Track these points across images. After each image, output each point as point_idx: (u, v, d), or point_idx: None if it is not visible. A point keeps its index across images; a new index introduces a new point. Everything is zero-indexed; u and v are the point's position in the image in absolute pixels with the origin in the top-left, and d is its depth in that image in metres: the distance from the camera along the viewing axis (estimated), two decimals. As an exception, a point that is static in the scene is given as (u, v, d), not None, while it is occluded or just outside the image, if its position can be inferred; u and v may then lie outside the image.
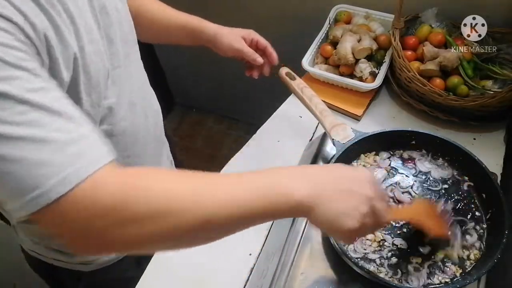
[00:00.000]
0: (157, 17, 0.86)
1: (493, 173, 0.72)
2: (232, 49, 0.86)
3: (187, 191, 0.44)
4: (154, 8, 0.86)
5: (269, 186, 0.46)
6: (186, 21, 0.87)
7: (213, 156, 2.14)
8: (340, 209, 0.47)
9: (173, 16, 0.88)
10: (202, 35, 0.86)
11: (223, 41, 0.85)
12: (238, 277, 0.79)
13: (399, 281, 0.64)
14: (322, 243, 0.70)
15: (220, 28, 0.87)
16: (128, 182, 0.42)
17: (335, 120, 0.79)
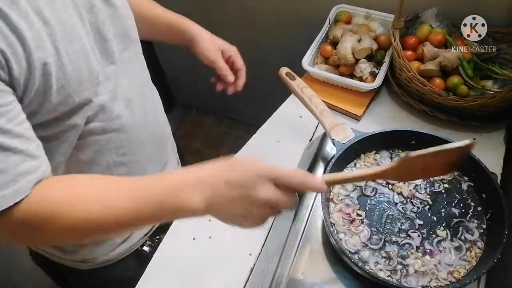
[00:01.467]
0: (144, 13, 0.85)
1: (493, 173, 0.72)
2: (207, 58, 0.86)
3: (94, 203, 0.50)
4: (143, 6, 0.85)
5: (165, 200, 0.50)
6: (172, 19, 0.88)
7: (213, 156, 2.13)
8: (235, 215, 0.51)
9: (160, 14, 0.88)
10: (185, 34, 0.86)
11: (200, 46, 0.85)
12: (238, 277, 0.79)
13: (398, 281, 0.65)
14: (322, 243, 0.70)
15: (203, 32, 0.87)
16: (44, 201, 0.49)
17: (335, 120, 0.79)
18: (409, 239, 0.69)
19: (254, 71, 1.83)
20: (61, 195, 0.50)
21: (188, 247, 0.84)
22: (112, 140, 0.68)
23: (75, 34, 0.55)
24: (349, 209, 0.72)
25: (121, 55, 0.66)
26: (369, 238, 0.69)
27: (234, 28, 1.65)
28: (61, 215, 0.49)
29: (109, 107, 0.65)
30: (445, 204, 0.73)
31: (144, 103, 0.74)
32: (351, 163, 0.79)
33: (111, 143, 0.69)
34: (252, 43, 1.67)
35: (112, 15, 0.63)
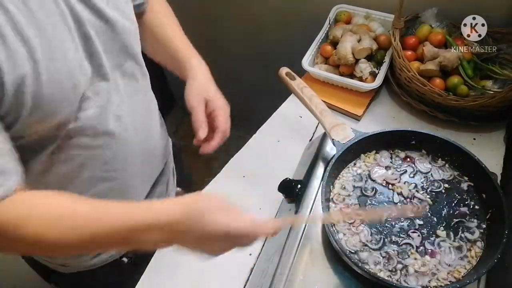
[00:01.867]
0: (155, 30, 0.82)
1: (493, 173, 0.72)
2: (188, 102, 0.78)
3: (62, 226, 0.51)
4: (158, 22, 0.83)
5: (129, 237, 0.53)
6: (178, 47, 0.82)
7: (213, 156, 2.14)
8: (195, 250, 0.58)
9: (169, 36, 0.83)
10: (183, 68, 0.81)
11: (188, 87, 0.79)
12: (238, 277, 0.79)
13: (398, 281, 0.64)
14: (322, 243, 0.70)
15: (199, 72, 0.81)
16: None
17: (335, 120, 0.79)
18: (409, 239, 0.69)
19: (254, 71, 1.84)
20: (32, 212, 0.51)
21: (188, 247, 0.84)
22: (96, 156, 0.67)
23: (61, 52, 0.54)
24: (349, 209, 0.72)
25: (115, 71, 0.65)
26: (369, 238, 0.69)
27: (234, 28, 1.65)
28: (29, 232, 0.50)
29: (95, 123, 0.63)
30: (445, 204, 0.73)
31: (137, 119, 0.72)
32: (351, 163, 0.79)
33: (95, 159, 0.67)
34: (252, 43, 1.67)
35: (106, 30, 0.61)
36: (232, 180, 0.94)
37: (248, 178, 0.95)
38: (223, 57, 1.84)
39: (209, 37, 1.76)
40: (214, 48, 1.82)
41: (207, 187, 0.93)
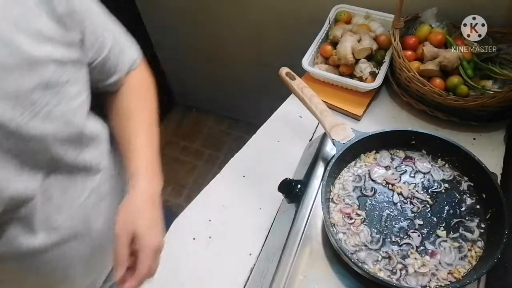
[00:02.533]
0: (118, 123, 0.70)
1: (493, 173, 0.72)
2: (115, 225, 0.62)
3: None
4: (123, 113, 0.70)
5: None
6: (131, 152, 0.67)
7: (213, 156, 2.14)
8: None
9: (130, 135, 0.69)
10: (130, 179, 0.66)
11: (122, 208, 0.63)
12: (238, 277, 0.79)
13: (398, 281, 0.65)
14: (322, 243, 0.70)
15: (138, 194, 0.63)
16: None
17: (335, 120, 0.79)
18: (409, 239, 0.69)
19: (254, 71, 1.84)
20: None
21: (188, 247, 0.84)
22: (8, 271, 0.59)
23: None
24: (349, 209, 0.72)
25: (47, 179, 0.57)
26: (369, 238, 0.69)
27: (234, 28, 1.65)
28: None
29: (13, 236, 0.55)
30: (445, 204, 0.73)
31: (75, 230, 0.63)
32: (351, 163, 0.79)
33: (6, 274, 0.60)
34: (252, 43, 1.67)
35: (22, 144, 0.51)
36: (232, 180, 0.95)
37: (248, 178, 0.95)
38: (223, 57, 1.84)
39: (209, 37, 1.76)
40: (214, 48, 1.83)
41: (207, 187, 0.94)
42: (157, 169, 0.67)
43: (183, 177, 2.10)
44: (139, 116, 0.70)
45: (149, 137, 0.69)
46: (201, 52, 1.88)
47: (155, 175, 0.66)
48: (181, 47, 1.93)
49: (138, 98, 0.72)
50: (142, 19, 1.85)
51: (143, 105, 0.72)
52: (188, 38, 1.83)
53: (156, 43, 1.98)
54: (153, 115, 0.73)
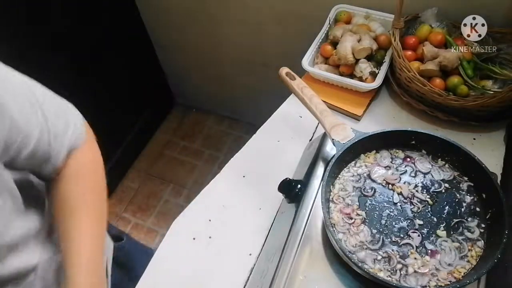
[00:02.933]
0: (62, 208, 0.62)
1: (493, 173, 0.72)
2: None
3: None
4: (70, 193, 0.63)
5: None
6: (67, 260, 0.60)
7: (213, 156, 2.14)
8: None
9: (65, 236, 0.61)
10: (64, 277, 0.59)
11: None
12: (238, 277, 0.79)
13: (398, 281, 0.65)
14: (322, 243, 0.70)
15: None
16: None
17: (335, 120, 0.79)
18: (409, 239, 0.69)
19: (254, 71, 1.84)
20: None
21: (188, 247, 0.84)
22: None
23: None
24: (349, 209, 0.72)
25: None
26: (369, 238, 0.69)
27: (234, 28, 1.65)
28: None
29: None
30: (445, 204, 0.73)
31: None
32: (351, 163, 0.79)
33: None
34: (252, 43, 1.67)
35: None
36: (232, 180, 0.95)
37: (248, 178, 0.95)
38: (223, 57, 1.84)
39: (209, 37, 1.76)
40: (214, 48, 1.83)
41: (207, 187, 0.93)
42: (99, 274, 0.61)
43: (183, 177, 2.10)
44: (83, 210, 0.62)
45: (92, 239, 0.62)
46: (201, 52, 1.88)
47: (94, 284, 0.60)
48: (181, 47, 1.93)
49: (82, 183, 0.64)
50: (142, 19, 1.85)
51: (88, 190, 0.65)
52: (188, 38, 1.83)
53: (156, 43, 1.98)
54: (99, 201, 0.66)
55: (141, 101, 2.10)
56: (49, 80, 0.65)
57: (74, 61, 1.62)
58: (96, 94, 1.77)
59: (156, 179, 2.12)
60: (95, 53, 1.73)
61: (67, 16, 1.56)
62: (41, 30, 1.44)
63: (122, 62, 1.88)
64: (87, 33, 1.66)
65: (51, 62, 1.49)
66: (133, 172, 2.15)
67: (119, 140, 2.06)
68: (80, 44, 1.64)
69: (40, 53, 1.46)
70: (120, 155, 2.06)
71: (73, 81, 1.62)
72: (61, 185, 0.62)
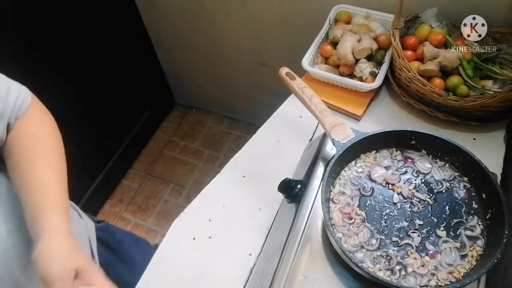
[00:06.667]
0: (19, 168, 0.62)
1: (493, 173, 0.72)
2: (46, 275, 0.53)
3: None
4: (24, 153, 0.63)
5: None
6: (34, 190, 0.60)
7: (213, 156, 2.14)
8: None
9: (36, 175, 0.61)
10: (37, 221, 0.58)
11: (40, 251, 0.54)
12: (238, 277, 0.79)
13: (398, 281, 0.65)
14: (322, 243, 0.70)
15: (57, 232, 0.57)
16: None
17: (335, 120, 0.79)
18: (409, 239, 0.69)
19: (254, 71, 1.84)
20: None
21: (188, 247, 0.84)
22: None
23: None
24: (349, 209, 0.72)
25: None
26: (369, 238, 0.69)
27: (234, 28, 1.65)
28: None
29: None
30: (445, 204, 0.73)
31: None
32: (351, 163, 0.79)
33: None
34: (252, 43, 1.67)
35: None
36: (232, 180, 0.95)
37: (248, 178, 0.95)
38: (223, 57, 1.84)
39: (209, 37, 1.76)
40: (214, 48, 1.83)
41: (207, 187, 0.93)
42: (67, 207, 0.61)
43: (183, 177, 2.10)
44: (41, 162, 0.63)
45: (58, 176, 0.62)
46: (201, 52, 1.88)
47: (66, 212, 0.60)
48: (181, 47, 1.93)
49: (38, 144, 0.65)
50: (142, 19, 1.85)
51: (42, 151, 0.65)
52: (188, 38, 1.83)
53: (156, 43, 1.98)
54: (58, 155, 0.66)
55: (141, 101, 2.10)
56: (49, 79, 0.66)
57: (74, 61, 1.62)
58: (96, 94, 1.77)
59: (156, 179, 2.12)
60: (95, 53, 1.73)
61: (67, 16, 1.56)
62: (41, 30, 1.45)
63: (122, 62, 1.88)
64: (87, 33, 1.66)
65: (50, 62, 1.49)
66: (133, 172, 2.15)
67: (119, 140, 2.06)
68: (80, 44, 1.64)
69: (40, 52, 1.46)
70: (120, 155, 2.06)
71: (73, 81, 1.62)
72: (11, 148, 0.63)
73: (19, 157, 0.63)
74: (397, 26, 0.99)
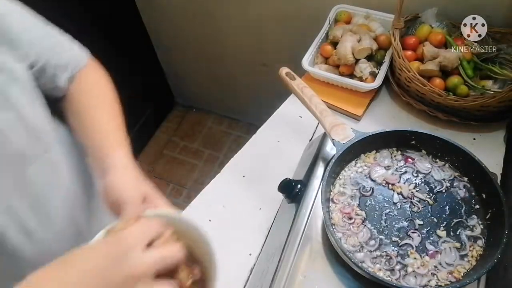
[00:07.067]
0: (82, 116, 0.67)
1: (493, 173, 0.72)
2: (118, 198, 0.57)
3: None
4: (83, 105, 0.68)
5: None
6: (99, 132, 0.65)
7: (213, 156, 2.14)
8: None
9: (99, 120, 0.67)
10: (104, 159, 0.62)
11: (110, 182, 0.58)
12: (238, 277, 0.79)
13: (398, 281, 0.65)
14: (322, 243, 0.70)
15: (126, 170, 0.62)
16: None
17: (335, 120, 0.79)
18: (409, 239, 0.69)
19: (254, 71, 1.84)
20: None
21: (188, 247, 0.84)
22: None
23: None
24: (349, 209, 0.72)
25: (15, 185, 0.57)
26: (369, 238, 0.69)
27: (234, 28, 1.65)
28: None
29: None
30: (445, 204, 0.73)
31: (53, 230, 0.63)
32: (351, 163, 0.79)
33: None
34: (252, 43, 1.67)
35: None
36: (232, 180, 0.95)
37: (248, 178, 0.95)
38: (223, 57, 1.84)
39: (209, 37, 1.76)
40: (214, 48, 1.83)
41: (207, 187, 0.93)
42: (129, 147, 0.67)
43: (183, 177, 2.10)
44: (100, 108, 0.68)
45: (118, 121, 0.68)
46: (201, 52, 1.88)
47: (129, 150, 0.66)
48: (181, 47, 1.93)
49: (96, 95, 0.70)
50: (142, 19, 1.85)
51: (101, 100, 0.70)
52: (188, 38, 1.83)
53: (156, 43, 1.98)
54: (115, 107, 0.70)
55: (141, 101, 2.10)
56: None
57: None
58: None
59: (156, 179, 2.12)
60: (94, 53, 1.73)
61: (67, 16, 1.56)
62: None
63: (122, 62, 1.87)
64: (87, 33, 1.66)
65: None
66: (133, 172, 2.15)
67: (119, 140, 2.06)
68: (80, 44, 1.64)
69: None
70: (120, 155, 2.05)
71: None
72: (74, 97, 0.68)
73: (82, 104, 0.68)
74: (397, 26, 0.99)
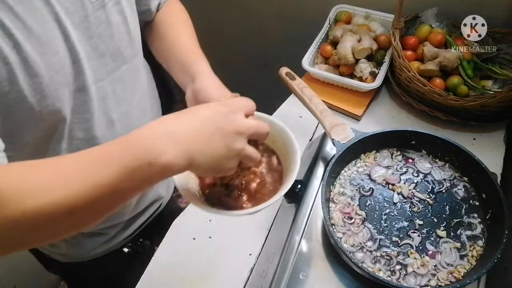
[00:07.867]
0: (165, 32, 0.79)
1: (493, 173, 0.72)
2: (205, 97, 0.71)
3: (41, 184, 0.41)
4: (169, 23, 0.80)
5: (132, 165, 0.43)
6: (189, 50, 0.77)
7: (213, 156, 2.14)
8: (217, 155, 0.48)
9: (185, 40, 0.78)
10: (191, 67, 0.73)
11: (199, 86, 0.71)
12: (238, 277, 0.79)
13: (398, 281, 0.65)
14: (322, 243, 0.70)
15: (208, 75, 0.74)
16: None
17: (335, 120, 0.79)
18: (409, 239, 0.69)
19: (254, 71, 1.84)
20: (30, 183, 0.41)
21: (188, 247, 0.84)
22: None
23: (50, 49, 0.54)
24: (349, 209, 0.72)
25: (110, 74, 0.66)
26: (369, 238, 0.69)
27: (234, 28, 1.65)
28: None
29: (83, 127, 0.64)
30: (445, 204, 0.73)
31: (127, 124, 0.72)
32: (351, 163, 0.79)
33: None
34: (252, 43, 1.67)
35: (107, 32, 0.62)
36: (232, 180, 0.94)
37: (248, 178, 0.95)
38: (223, 57, 1.84)
39: (209, 37, 1.76)
40: (214, 48, 1.82)
41: (207, 187, 0.93)
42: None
43: (183, 177, 2.10)
44: (184, 31, 0.79)
45: (198, 44, 0.79)
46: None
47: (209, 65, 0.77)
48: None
49: (181, 20, 0.81)
50: (142, 19, 1.85)
51: (186, 25, 0.81)
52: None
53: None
54: (194, 33, 0.81)
55: (141, 101, 2.10)
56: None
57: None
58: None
59: (156, 179, 2.11)
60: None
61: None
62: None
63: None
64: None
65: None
66: (133, 172, 2.14)
67: (119, 140, 2.06)
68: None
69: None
70: (120, 155, 2.05)
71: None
72: (160, 22, 0.79)
73: (168, 27, 0.79)
74: (397, 26, 0.99)
